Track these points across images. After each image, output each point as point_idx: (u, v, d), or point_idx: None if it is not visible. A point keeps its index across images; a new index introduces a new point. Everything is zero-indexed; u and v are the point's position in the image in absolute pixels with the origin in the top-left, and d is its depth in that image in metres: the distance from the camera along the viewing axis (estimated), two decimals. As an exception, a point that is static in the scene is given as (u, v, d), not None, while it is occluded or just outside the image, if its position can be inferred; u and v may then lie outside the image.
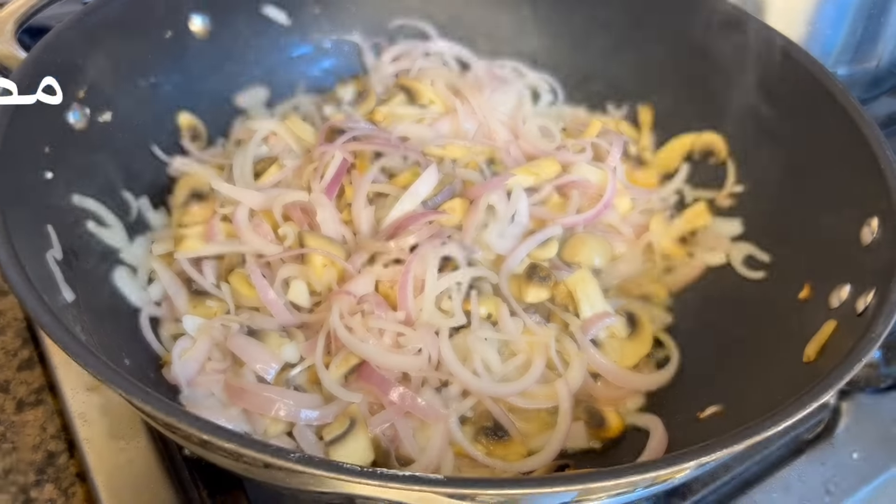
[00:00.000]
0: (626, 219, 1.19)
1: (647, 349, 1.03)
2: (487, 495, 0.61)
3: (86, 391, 0.99)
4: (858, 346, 0.75)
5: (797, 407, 0.69)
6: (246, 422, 0.91)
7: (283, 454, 0.60)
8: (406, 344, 0.95)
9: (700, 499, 0.94)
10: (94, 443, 0.94)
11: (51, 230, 0.90)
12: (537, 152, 1.24)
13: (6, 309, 1.14)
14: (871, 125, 0.94)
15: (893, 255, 0.82)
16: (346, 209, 1.10)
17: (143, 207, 1.10)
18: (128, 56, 1.08)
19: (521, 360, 0.98)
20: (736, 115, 1.15)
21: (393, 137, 1.20)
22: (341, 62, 1.38)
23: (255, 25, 1.27)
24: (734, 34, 1.11)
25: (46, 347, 1.06)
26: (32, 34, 1.03)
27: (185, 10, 1.17)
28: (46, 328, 0.70)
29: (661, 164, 1.26)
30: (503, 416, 0.94)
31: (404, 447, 0.91)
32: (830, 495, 0.93)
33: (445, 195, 1.10)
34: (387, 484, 0.60)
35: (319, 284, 1.02)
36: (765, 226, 1.09)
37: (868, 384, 1.03)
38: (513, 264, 1.07)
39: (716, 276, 1.11)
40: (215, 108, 1.25)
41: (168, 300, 1.03)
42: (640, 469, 0.64)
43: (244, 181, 1.13)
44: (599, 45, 1.31)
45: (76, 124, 0.99)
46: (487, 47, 1.40)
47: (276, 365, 0.94)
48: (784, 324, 0.95)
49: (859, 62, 1.46)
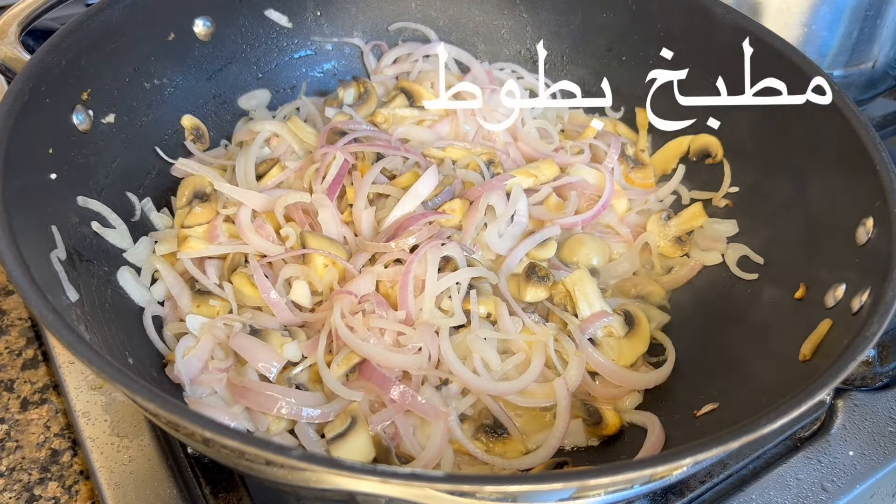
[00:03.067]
0: (623, 219, 1.20)
1: (644, 348, 1.04)
2: (486, 492, 0.62)
3: (89, 390, 1.00)
4: (853, 344, 0.75)
5: (793, 405, 0.69)
6: (248, 420, 0.92)
7: (285, 451, 0.61)
8: (406, 343, 0.96)
9: (697, 496, 0.94)
10: (97, 441, 0.95)
11: (55, 230, 0.90)
12: (536, 154, 1.25)
13: (10, 308, 1.15)
14: (866, 126, 0.95)
15: (889, 254, 0.83)
16: (347, 210, 1.11)
17: (147, 208, 1.11)
18: (131, 58, 1.10)
19: (520, 358, 0.99)
20: (732, 117, 1.16)
21: (393, 139, 1.21)
22: (342, 64, 1.39)
23: (257, 28, 1.29)
24: (728, 36, 1.12)
25: (50, 347, 1.07)
26: (36, 37, 1.04)
27: (188, 12, 1.19)
28: (51, 327, 0.71)
29: (658, 165, 1.27)
30: (502, 414, 0.95)
31: (405, 444, 0.92)
32: (826, 493, 0.93)
33: (445, 196, 1.11)
34: (387, 480, 0.61)
35: (321, 284, 1.03)
36: (760, 226, 1.10)
37: (863, 382, 1.04)
38: (512, 264, 1.08)
39: (712, 275, 1.12)
40: (218, 110, 1.27)
41: (171, 300, 1.04)
42: (636, 466, 0.65)
43: (247, 182, 1.14)
44: (597, 48, 1.32)
45: (80, 126, 1.00)
46: (486, 50, 1.41)
47: (279, 363, 0.95)
48: (780, 323, 0.96)
49: (855, 64, 1.47)
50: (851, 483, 0.94)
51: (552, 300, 1.05)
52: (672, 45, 1.21)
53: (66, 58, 0.97)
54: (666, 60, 1.22)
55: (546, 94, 1.36)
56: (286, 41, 1.33)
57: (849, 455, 0.97)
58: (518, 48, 1.40)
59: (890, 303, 0.78)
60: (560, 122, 1.35)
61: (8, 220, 0.78)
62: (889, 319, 0.77)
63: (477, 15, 1.40)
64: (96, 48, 1.02)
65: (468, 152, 1.21)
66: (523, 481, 0.64)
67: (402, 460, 0.91)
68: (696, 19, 1.17)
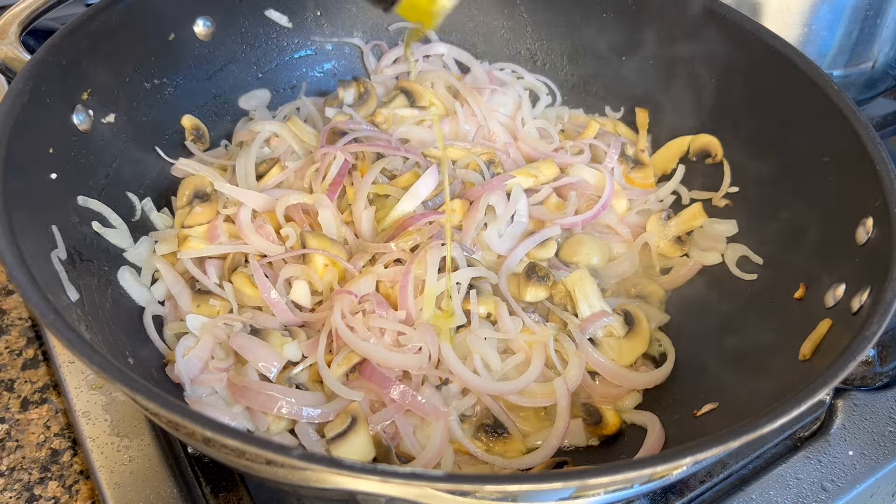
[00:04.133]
0: (623, 219, 1.20)
1: (644, 348, 1.04)
2: (486, 491, 0.62)
3: (90, 390, 1.00)
4: (853, 344, 0.75)
5: (792, 405, 0.69)
6: (249, 419, 0.92)
7: (285, 451, 0.61)
8: (406, 343, 0.96)
9: (697, 496, 0.94)
10: (98, 441, 0.95)
11: (55, 230, 0.90)
12: (536, 154, 1.25)
13: (11, 308, 1.15)
14: (865, 126, 0.95)
15: (888, 254, 0.83)
16: (347, 210, 1.11)
17: (147, 208, 1.11)
18: (131, 58, 1.09)
19: (520, 358, 0.99)
20: (732, 117, 1.16)
21: (393, 139, 1.21)
22: (342, 64, 1.39)
23: (257, 28, 1.29)
24: (728, 36, 1.12)
25: (51, 346, 1.07)
26: (37, 37, 1.04)
27: (189, 13, 1.19)
28: (51, 327, 0.70)
29: (658, 165, 1.27)
30: (502, 414, 0.95)
31: (405, 444, 0.92)
32: (826, 492, 0.93)
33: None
34: (387, 479, 0.60)
35: (321, 284, 1.03)
36: (760, 226, 1.10)
37: (863, 382, 1.04)
38: (512, 264, 1.08)
39: (712, 275, 1.12)
40: (218, 110, 1.27)
41: (172, 299, 1.04)
42: (636, 466, 0.65)
43: (247, 182, 1.14)
44: (597, 48, 1.32)
45: (80, 126, 1.00)
46: (486, 50, 1.41)
47: (279, 363, 0.95)
48: (779, 322, 0.96)
49: (855, 64, 1.47)
50: (851, 483, 0.94)
51: (552, 300, 1.05)
52: (672, 45, 1.21)
53: (67, 58, 0.97)
54: (665, 61, 1.22)
55: (545, 94, 1.37)
56: (286, 41, 1.33)
57: (849, 455, 0.97)
58: (518, 48, 1.40)
59: (890, 302, 0.78)
60: (560, 122, 1.35)
61: (8, 219, 0.78)
62: (889, 319, 0.77)
63: (477, 15, 1.40)
64: (97, 48, 1.02)
65: (468, 152, 1.21)
66: (523, 481, 0.64)
67: (402, 460, 0.91)
68: (697, 19, 1.17)
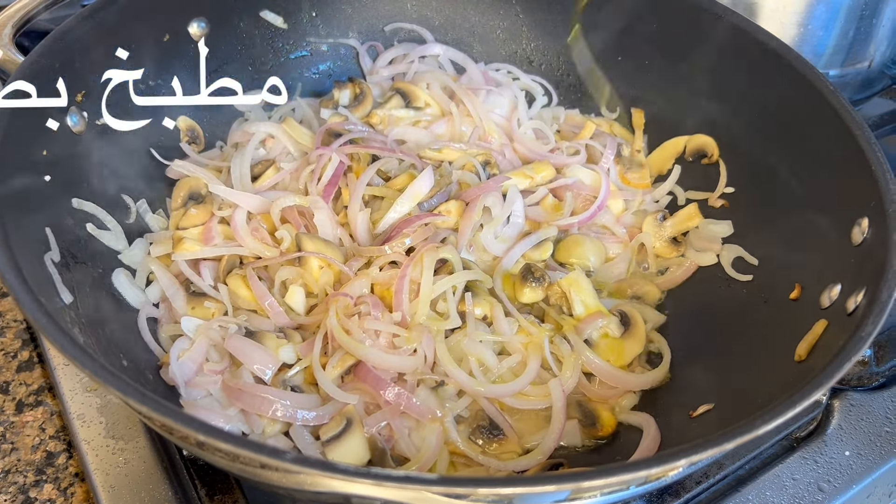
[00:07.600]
0: (619, 220, 1.20)
1: (640, 349, 1.03)
2: (481, 494, 0.62)
3: (85, 392, 1.00)
4: (849, 344, 0.75)
5: (788, 405, 0.69)
6: (244, 422, 0.92)
7: (279, 454, 0.61)
8: (402, 345, 0.96)
9: (693, 497, 0.94)
10: (93, 443, 0.95)
11: (49, 232, 0.90)
12: (532, 155, 1.25)
13: (6, 310, 1.15)
14: (861, 126, 0.95)
15: (884, 254, 0.83)
16: (342, 212, 1.11)
17: (142, 210, 1.10)
18: (126, 60, 1.09)
19: (517, 360, 0.99)
20: (727, 118, 1.16)
21: (389, 140, 1.21)
22: (338, 65, 1.39)
23: (252, 29, 1.28)
24: (724, 36, 1.12)
25: (46, 349, 1.07)
26: (31, 38, 1.04)
27: (184, 14, 1.18)
28: (43, 330, 0.70)
29: (654, 165, 1.27)
30: (498, 416, 0.95)
31: (400, 446, 0.91)
32: (823, 493, 0.93)
33: (441, 198, 1.10)
34: (381, 483, 0.60)
35: (316, 286, 1.02)
36: (756, 227, 1.10)
37: (860, 382, 1.04)
38: (508, 265, 1.08)
39: (708, 276, 1.12)
40: (213, 112, 1.26)
41: (166, 302, 1.04)
42: (632, 467, 0.65)
43: (242, 184, 1.14)
44: (592, 48, 1.32)
45: (74, 128, 0.99)
46: (482, 50, 1.41)
47: (274, 366, 0.94)
48: (775, 323, 0.96)
49: (851, 63, 1.47)
50: (848, 483, 0.94)
51: (548, 301, 1.05)
52: (668, 45, 1.21)
53: (61, 59, 0.97)
54: (661, 61, 1.22)
55: (542, 94, 1.37)
56: (282, 42, 1.33)
57: (845, 455, 0.97)
58: (514, 49, 1.40)
59: (885, 303, 0.78)
60: (556, 123, 1.35)
61: (1, 222, 0.78)
62: (884, 319, 0.77)
63: (472, 15, 1.40)
64: (90, 50, 1.02)
65: (464, 154, 1.20)
66: (518, 483, 0.63)
67: (397, 462, 0.91)
68: (692, 19, 1.17)
